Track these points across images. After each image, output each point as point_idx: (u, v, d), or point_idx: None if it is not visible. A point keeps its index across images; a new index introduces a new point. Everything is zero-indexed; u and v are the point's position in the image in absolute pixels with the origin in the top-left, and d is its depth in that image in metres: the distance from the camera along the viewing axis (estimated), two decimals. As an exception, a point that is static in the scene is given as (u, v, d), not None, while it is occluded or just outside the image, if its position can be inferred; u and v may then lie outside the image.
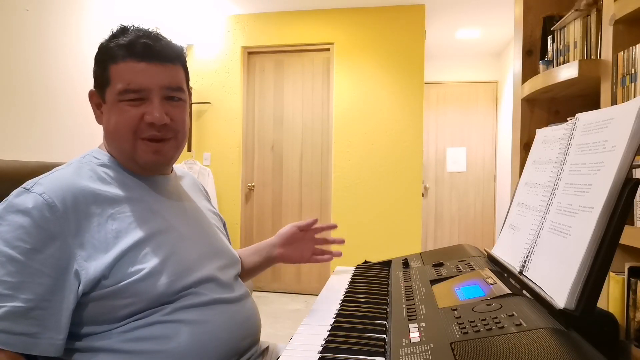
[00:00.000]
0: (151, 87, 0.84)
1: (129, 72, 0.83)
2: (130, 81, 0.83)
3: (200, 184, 1.15)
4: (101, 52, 0.87)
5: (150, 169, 0.90)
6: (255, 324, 0.96)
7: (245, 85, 4.20)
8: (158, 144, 0.86)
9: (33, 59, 2.49)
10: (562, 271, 0.63)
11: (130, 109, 0.84)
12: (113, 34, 0.88)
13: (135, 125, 0.84)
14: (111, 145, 0.89)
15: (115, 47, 0.84)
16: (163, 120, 0.84)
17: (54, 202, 0.75)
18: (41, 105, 2.55)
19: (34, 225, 0.73)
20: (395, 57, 3.92)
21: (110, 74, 0.84)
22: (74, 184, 0.80)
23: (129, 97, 0.83)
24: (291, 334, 0.79)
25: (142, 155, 0.86)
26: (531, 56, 1.85)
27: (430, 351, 0.60)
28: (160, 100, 0.85)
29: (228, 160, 4.17)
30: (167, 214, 0.89)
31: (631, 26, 1.21)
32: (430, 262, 1.09)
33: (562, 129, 0.82)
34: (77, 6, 2.80)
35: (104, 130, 0.89)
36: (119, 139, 0.86)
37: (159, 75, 0.85)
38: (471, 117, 5.33)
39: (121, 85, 0.83)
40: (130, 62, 0.83)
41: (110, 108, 0.85)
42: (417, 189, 3.89)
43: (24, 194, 0.76)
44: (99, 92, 0.88)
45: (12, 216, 0.74)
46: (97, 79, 0.88)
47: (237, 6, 3.99)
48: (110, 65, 0.84)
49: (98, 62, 0.87)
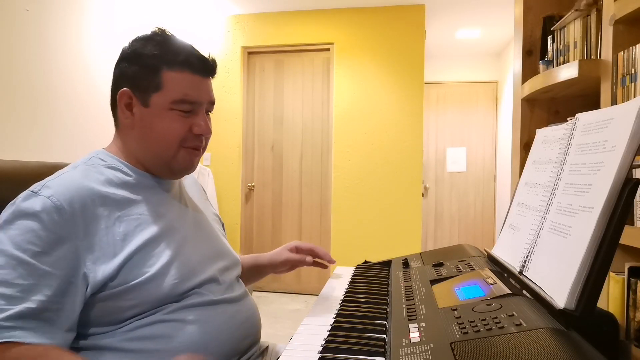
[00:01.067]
0: (202, 102, 0.89)
1: (187, 83, 0.86)
2: (188, 92, 0.86)
3: (200, 184, 1.15)
4: (149, 55, 0.86)
5: (180, 175, 0.94)
6: (255, 324, 0.96)
7: (245, 85, 4.20)
8: (196, 152, 0.91)
9: (33, 59, 2.49)
10: (562, 271, 0.63)
11: (181, 119, 0.87)
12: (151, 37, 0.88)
13: (184, 135, 0.87)
14: (142, 147, 0.88)
15: (171, 54, 0.86)
16: (210, 132, 0.91)
17: (62, 205, 0.76)
18: (41, 106, 2.55)
19: (43, 228, 0.73)
20: (395, 57, 3.92)
21: (164, 79, 0.85)
22: (82, 186, 0.80)
23: (182, 108, 0.86)
24: (291, 334, 0.79)
25: (182, 162, 0.89)
26: (531, 56, 1.85)
27: (430, 351, 0.60)
28: (204, 114, 0.90)
29: (228, 160, 4.16)
30: (172, 216, 0.90)
31: (631, 26, 1.21)
32: (430, 262, 1.09)
33: (562, 129, 0.82)
34: (77, 6, 2.80)
35: (139, 132, 0.88)
36: (161, 145, 0.87)
37: (208, 91, 0.90)
38: (471, 117, 5.33)
39: (178, 95, 0.85)
40: (188, 74, 0.86)
41: (156, 114, 0.86)
42: (417, 189, 3.89)
43: (32, 197, 0.76)
44: (140, 94, 0.86)
45: (22, 220, 0.74)
46: (139, 81, 0.86)
47: (237, 6, 3.99)
48: (165, 71, 0.85)
49: (143, 64, 0.86)
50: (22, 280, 0.71)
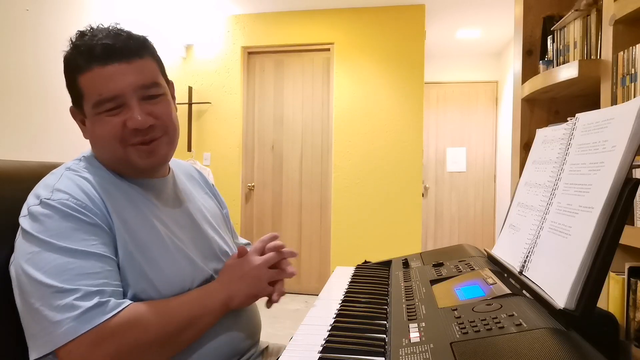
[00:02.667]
0: (125, 92, 0.79)
1: (97, 79, 0.78)
2: (101, 90, 0.78)
3: (196, 172, 1.11)
4: (66, 64, 0.82)
5: (148, 171, 0.88)
6: (255, 326, 0.96)
7: (245, 85, 4.20)
8: (149, 145, 0.83)
9: (33, 59, 2.49)
10: (562, 271, 0.63)
11: (110, 119, 0.80)
12: (73, 42, 0.82)
13: (120, 134, 0.80)
14: (103, 157, 0.86)
15: (78, 56, 0.79)
16: (146, 123, 0.81)
17: (84, 203, 0.76)
18: (41, 106, 2.55)
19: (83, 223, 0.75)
20: (395, 57, 3.92)
21: (81, 86, 0.80)
22: (86, 186, 0.79)
23: (105, 108, 0.79)
24: (291, 334, 0.79)
25: (137, 160, 0.83)
26: (531, 56, 1.85)
27: (430, 351, 0.60)
28: (138, 102, 0.81)
29: (228, 160, 4.16)
30: (165, 218, 0.88)
31: (631, 26, 1.21)
32: (430, 262, 1.09)
33: (562, 129, 0.82)
34: (77, 6, 2.80)
35: (92, 143, 0.86)
36: (108, 151, 0.83)
37: (129, 76, 0.79)
38: (471, 117, 5.33)
39: (94, 97, 0.79)
40: (96, 69, 0.78)
41: (91, 122, 0.82)
42: (417, 189, 3.89)
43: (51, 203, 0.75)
44: (77, 107, 0.84)
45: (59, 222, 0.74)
46: (71, 95, 0.84)
47: (237, 6, 3.99)
48: (78, 77, 0.80)
49: (67, 76, 0.83)
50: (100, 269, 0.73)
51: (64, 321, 0.67)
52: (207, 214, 1.01)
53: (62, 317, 0.67)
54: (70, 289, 0.69)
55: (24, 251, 0.73)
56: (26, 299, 0.70)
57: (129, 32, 0.84)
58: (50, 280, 0.69)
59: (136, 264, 0.78)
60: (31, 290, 0.70)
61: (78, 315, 0.68)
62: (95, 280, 0.71)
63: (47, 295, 0.68)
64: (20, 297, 0.72)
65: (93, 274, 0.71)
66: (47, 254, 0.71)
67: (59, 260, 0.71)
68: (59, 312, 0.67)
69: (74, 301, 0.68)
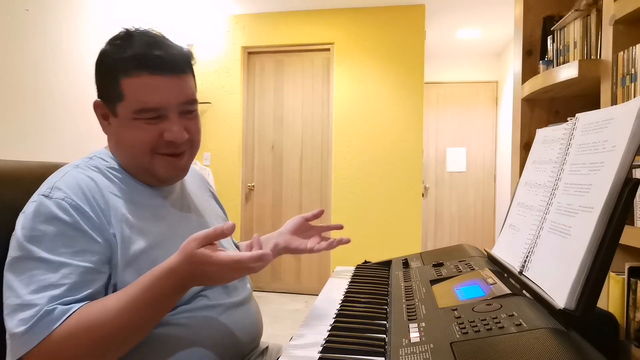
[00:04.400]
0: (169, 105, 0.81)
1: (144, 88, 0.79)
2: (146, 99, 0.79)
3: (204, 179, 1.13)
4: (108, 62, 0.82)
5: (168, 182, 0.89)
6: (258, 328, 0.97)
7: (245, 85, 4.20)
8: (176, 158, 0.85)
9: (33, 59, 2.49)
10: (562, 271, 0.63)
11: (148, 127, 0.81)
12: (116, 40, 0.83)
13: (154, 142, 0.82)
14: (122, 156, 0.86)
15: (126, 59, 0.80)
16: (183, 137, 0.83)
17: (78, 204, 0.76)
18: (40, 105, 2.55)
19: (69, 229, 0.74)
20: (395, 57, 3.92)
21: (123, 88, 0.80)
22: (90, 185, 0.79)
23: (147, 116, 0.80)
24: (291, 334, 0.79)
25: (161, 170, 0.84)
26: (531, 56, 1.85)
27: (430, 351, 0.60)
28: (177, 117, 0.83)
29: (228, 160, 4.16)
30: (172, 220, 0.88)
31: (631, 26, 1.21)
32: (430, 262, 1.09)
33: (562, 129, 0.82)
34: (76, 6, 2.80)
35: (115, 142, 0.86)
36: (134, 155, 0.83)
37: (174, 91, 0.81)
38: (471, 117, 5.33)
39: (137, 105, 0.80)
40: (144, 77, 0.79)
41: (124, 123, 0.82)
42: (417, 189, 3.89)
43: (46, 201, 0.75)
44: (108, 104, 0.83)
45: (45, 225, 0.73)
46: (105, 91, 0.83)
47: (238, 6, 3.99)
48: (122, 79, 0.80)
49: (105, 74, 0.82)
50: (68, 280, 0.71)
51: (19, 334, 0.68)
52: (212, 216, 1.02)
53: (17, 331, 0.68)
54: (29, 303, 0.69)
55: (10, 253, 0.74)
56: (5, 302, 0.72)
57: (178, 45, 0.85)
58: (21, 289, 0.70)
59: (138, 263, 0.78)
60: (7, 295, 0.71)
61: (28, 329, 0.67)
62: (57, 290, 0.70)
63: (12, 307, 0.70)
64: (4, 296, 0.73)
65: (58, 285, 0.70)
66: (25, 261, 0.72)
67: (33, 270, 0.71)
68: (16, 326, 0.68)
69: (29, 316, 0.68)
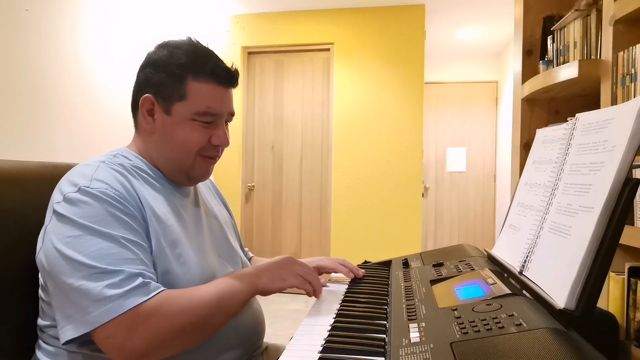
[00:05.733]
0: (224, 113, 0.90)
1: (211, 95, 0.87)
2: (210, 105, 0.87)
3: (214, 184, 1.16)
4: (175, 63, 0.86)
5: (197, 182, 0.95)
6: (261, 330, 0.98)
7: (245, 85, 4.20)
8: (212, 161, 0.93)
9: (33, 59, 2.49)
10: (562, 271, 0.63)
11: (201, 130, 0.88)
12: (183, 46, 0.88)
13: (203, 145, 0.88)
14: (160, 153, 0.89)
15: (198, 64, 0.86)
16: (228, 143, 0.92)
17: (121, 193, 0.79)
18: (40, 105, 2.55)
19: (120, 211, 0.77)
20: (395, 57, 3.92)
21: (189, 89, 0.86)
22: (121, 180, 0.81)
23: (204, 119, 0.87)
24: (291, 334, 0.79)
25: (198, 170, 0.90)
26: (531, 56, 1.85)
27: (430, 351, 0.60)
28: (224, 125, 0.92)
29: (228, 160, 4.16)
30: (190, 219, 0.91)
31: (631, 26, 1.21)
32: (430, 262, 1.09)
33: (562, 129, 0.82)
34: (76, 6, 2.80)
35: (159, 138, 0.89)
36: (179, 153, 0.88)
37: (229, 102, 0.92)
38: (471, 117, 5.33)
39: (201, 107, 0.86)
40: (213, 85, 0.87)
41: (178, 122, 0.87)
42: (417, 189, 3.89)
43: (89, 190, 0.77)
44: (163, 101, 0.87)
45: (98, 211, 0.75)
46: (164, 88, 0.87)
47: (238, 6, 3.99)
48: (190, 80, 0.86)
49: (170, 72, 0.86)
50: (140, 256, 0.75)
51: (109, 298, 0.68)
52: (221, 219, 1.05)
53: (108, 295, 0.69)
54: (115, 270, 0.71)
55: (62, 234, 0.73)
56: (64, 279, 0.71)
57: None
58: (93, 262, 0.71)
59: (165, 257, 0.80)
60: (71, 270, 0.71)
61: (123, 293, 0.69)
62: (136, 265, 0.73)
63: (90, 275, 0.70)
64: (55, 279, 0.72)
65: (133, 260, 0.74)
66: (89, 237, 0.72)
67: (101, 244, 0.72)
68: (104, 290, 0.69)
69: (119, 281, 0.70)
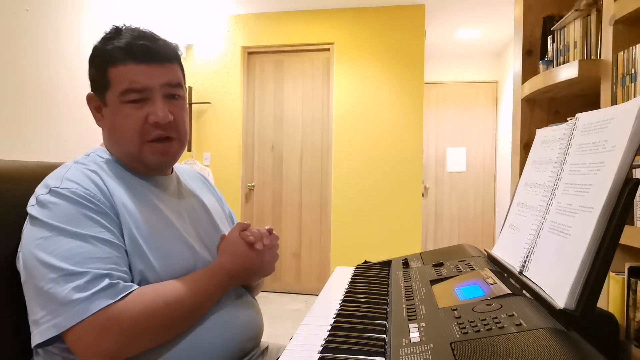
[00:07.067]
0: (153, 86, 0.85)
1: (130, 74, 0.84)
2: (131, 81, 0.83)
3: (203, 176, 1.15)
4: (98, 54, 0.87)
5: (156, 169, 0.92)
6: (257, 327, 0.97)
7: (245, 85, 4.20)
8: (164, 144, 0.88)
9: (33, 59, 2.49)
10: (562, 271, 0.63)
11: (134, 112, 0.84)
12: (107, 35, 0.88)
13: (141, 128, 0.85)
14: (115, 147, 0.90)
15: (113, 50, 0.84)
16: (167, 118, 0.86)
17: (91, 192, 0.79)
18: (40, 105, 2.55)
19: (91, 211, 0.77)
20: (395, 57, 3.92)
21: (110, 76, 0.85)
22: (93, 178, 0.82)
23: (131, 98, 0.84)
24: (291, 334, 0.79)
25: (149, 157, 0.87)
26: (531, 56, 1.85)
27: (430, 351, 0.60)
28: (162, 99, 0.86)
29: (228, 160, 4.16)
30: (169, 213, 0.90)
31: (631, 26, 1.21)
32: (430, 262, 1.09)
33: (562, 129, 0.82)
34: (76, 6, 2.80)
35: (108, 132, 0.89)
36: (124, 142, 0.86)
37: (159, 75, 0.86)
38: (471, 117, 5.33)
39: (123, 86, 0.83)
40: (130, 65, 0.84)
41: (112, 111, 0.86)
42: (417, 189, 3.89)
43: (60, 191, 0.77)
44: (98, 95, 0.88)
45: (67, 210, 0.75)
46: (95, 82, 0.88)
47: (238, 6, 3.99)
48: (109, 68, 0.84)
49: (95, 65, 0.87)
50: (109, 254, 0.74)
51: (74, 302, 0.68)
52: (209, 208, 1.03)
53: (73, 298, 0.68)
54: (81, 271, 0.70)
55: (34, 237, 0.74)
56: (35, 283, 0.71)
57: (164, 39, 0.90)
58: (61, 263, 0.70)
59: (141, 253, 0.80)
60: (41, 273, 0.71)
61: (89, 296, 0.69)
62: (105, 264, 0.73)
63: (58, 278, 0.69)
64: (28, 282, 0.73)
65: (103, 259, 0.73)
66: (58, 238, 0.72)
67: (70, 244, 0.72)
68: (70, 293, 0.68)
69: (85, 283, 0.69)
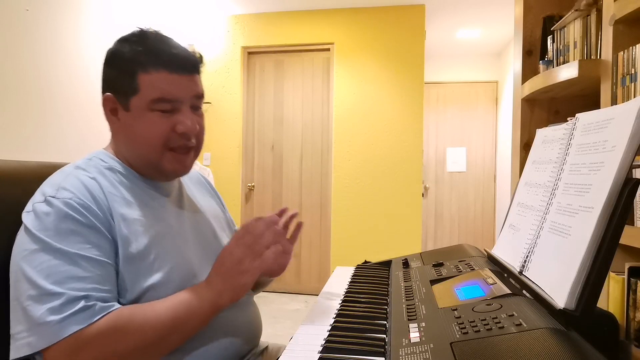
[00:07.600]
0: (184, 98, 0.85)
1: (163, 82, 0.83)
2: (164, 91, 0.83)
3: (205, 180, 1.13)
4: (124, 57, 0.85)
5: (170, 177, 0.91)
6: (256, 329, 0.97)
7: (245, 86, 4.20)
8: (184, 155, 0.87)
9: (33, 59, 2.49)
10: (562, 271, 0.63)
11: (161, 120, 0.84)
12: (131, 38, 0.86)
13: (167, 136, 0.84)
14: (130, 151, 0.87)
15: (145, 54, 0.83)
16: (195, 129, 0.86)
17: (86, 203, 0.77)
18: (40, 105, 2.55)
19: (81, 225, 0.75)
20: (395, 57, 3.92)
21: (140, 82, 0.83)
22: (92, 185, 0.80)
23: (162, 108, 0.83)
24: (291, 334, 0.79)
25: (168, 165, 0.86)
26: (531, 56, 1.85)
27: (430, 351, 0.60)
28: (189, 110, 0.86)
29: (228, 160, 4.16)
30: (170, 218, 0.89)
31: (631, 26, 1.21)
32: (430, 262, 1.09)
33: (562, 129, 0.82)
34: (76, 6, 2.80)
35: (125, 136, 0.87)
36: (144, 148, 0.85)
37: (190, 87, 0.86)
38: (471, 117, 5.33)
39: (155, 95, 0.82)
40: (163, 73, 0.83)
41: (135, 116, 0.84)
42: (417, 189, 3.89)
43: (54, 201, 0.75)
44: (120, 98, 0.85)
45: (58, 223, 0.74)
46: (117, 85, 0.85)
47: (238, 6, 3.99)
48: (140, 73, 0.83)
49: (119, 68, 0.85)
50: (90, 273, 0.73)
51: (47, 324, 0.67)
52: (210, 215, 1.02)
53: (47, 320, 0.67)
54: (58, 292, 0.69)
55: (22, 247, 0.74)
56: (17, 296, 0.71)
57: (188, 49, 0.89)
58: (41, 280, 0.70)
59: (136, 265, 0.78)
60: (23, 288, 0.71)
61: (61, 319, 0.68)
62: (85, 284, 0.71)
63: (36, 296, 0.69)
64: (13, 292, 0.73)
65: (83, 278, 0.71)
66: (41, 253, 0.72)
67: (51, 261, 0.71)
68: (44, 314, 0.68)
69: (59, 306, 0.68)
